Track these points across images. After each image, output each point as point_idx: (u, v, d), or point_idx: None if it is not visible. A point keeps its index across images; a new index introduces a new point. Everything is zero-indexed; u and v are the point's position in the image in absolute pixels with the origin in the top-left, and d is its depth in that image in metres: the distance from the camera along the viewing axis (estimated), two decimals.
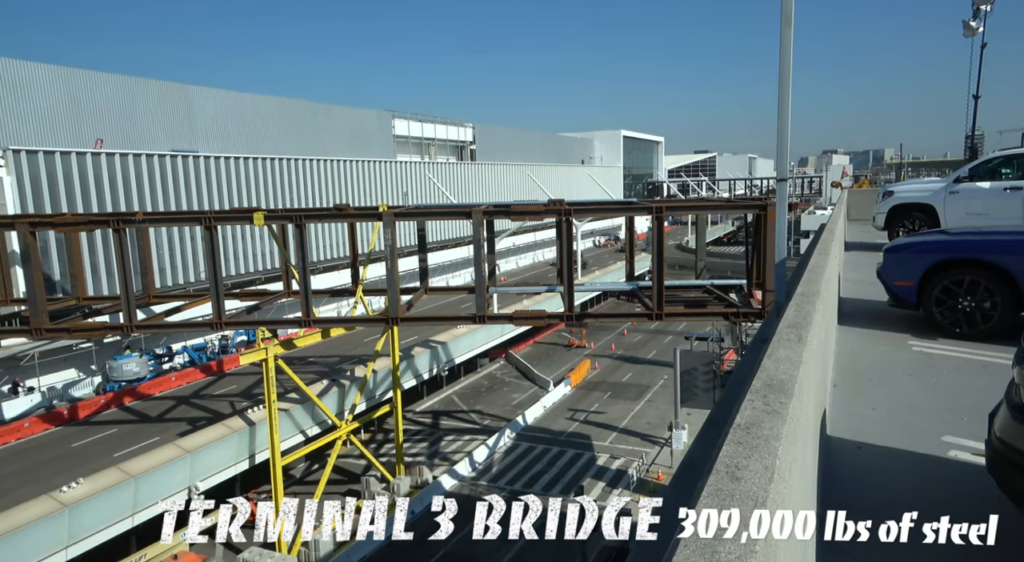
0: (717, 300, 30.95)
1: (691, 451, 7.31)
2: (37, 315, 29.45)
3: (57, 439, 33.38)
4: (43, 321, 29.56)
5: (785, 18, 10.14)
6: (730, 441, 2.70)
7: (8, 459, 30.93)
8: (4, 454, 31.61)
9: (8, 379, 39.20)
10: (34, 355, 38.96)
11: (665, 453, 44.02)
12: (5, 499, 26.03)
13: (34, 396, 39.62)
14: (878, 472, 5.88)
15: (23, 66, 46.50)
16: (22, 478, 28.27)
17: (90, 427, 34.85)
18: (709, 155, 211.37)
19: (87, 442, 32.69)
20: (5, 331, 34.78)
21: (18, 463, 30.32)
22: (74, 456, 30.87)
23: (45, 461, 30.37)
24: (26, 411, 37.99)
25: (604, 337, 76.25)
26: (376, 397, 42.67)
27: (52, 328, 30.07)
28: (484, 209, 29.27)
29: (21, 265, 34.84)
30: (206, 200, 52.33)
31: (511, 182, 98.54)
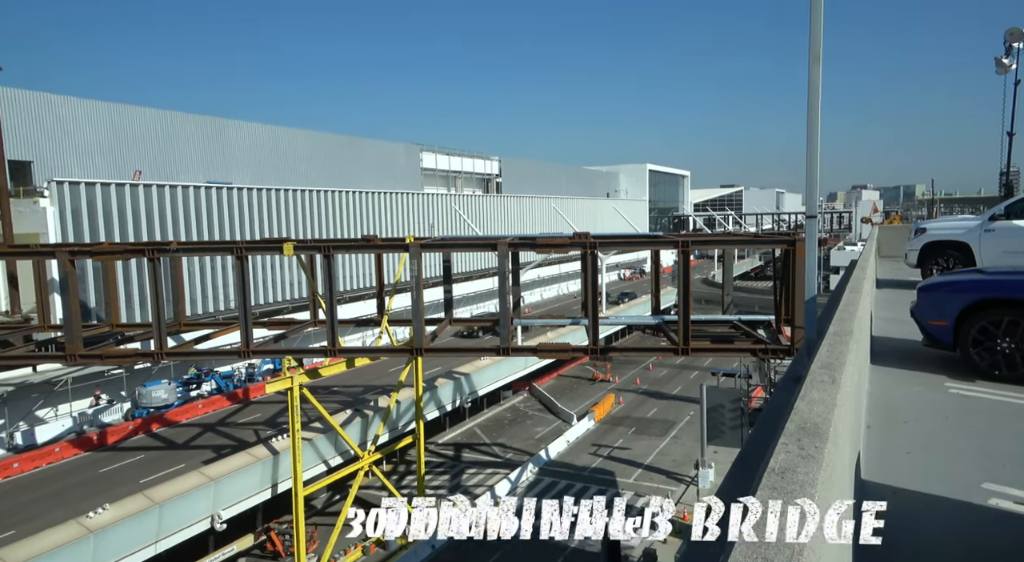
0: (745, 336, 30.52)
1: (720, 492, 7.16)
2: (73, 341, 30.14)
3: (86, 464, 33.80)
4: (78, 347, 30.22)
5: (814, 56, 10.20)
6: (764, 486, 2.66)
7: (39, 483, 31.38)
8: (36, 478, 32.08)
9: (41, 403, 40.00)
10: (67, 380, 39.75)
11: (691, 492, 43.00)
12: (34, 523, 26.35)
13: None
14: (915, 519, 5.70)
15: (69, 102, 48.60)
16: (51, 503, 28.62)
17: (118, 453, 35.26)
18: (735, 189, 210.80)
19: (115, 468, 33.04)
20: (42, 357, 35.63)
21: (48, 487, 30.73)
22: (102, 481, 31.20)
23: (74, 486, 30.74)
24: (58, 436, 38.62)
25: (629, 371, 75.37)
26: (399, 428, 42.57)
27: (86, 354, 30.71)
28: (510, 241, 29.48)
29: (60, 292, 35.85)
30: (238, 230, 53.56)
31: (536, 215, 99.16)
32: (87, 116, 49.43)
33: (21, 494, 29.79)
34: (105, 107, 51.02)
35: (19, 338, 36.52)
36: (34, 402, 39.81)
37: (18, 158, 44.02)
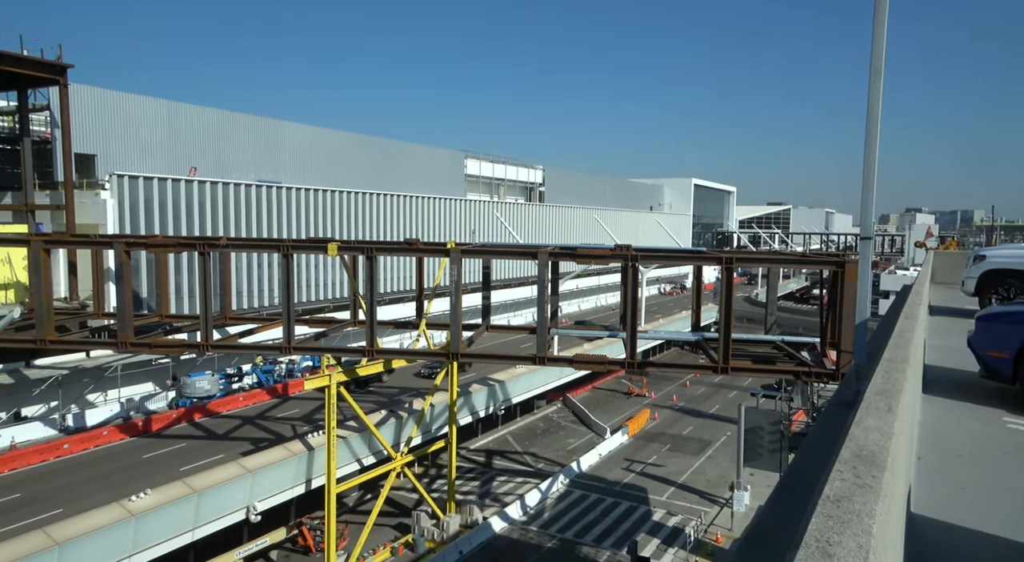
0: (787, 357, 29.82)
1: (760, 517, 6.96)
2: (124, 329, 31.27)
3: (131, 449, 34.94)
4: (129, 335, 31.34)
5: (875, 70, 9.95)
6: (819, 514, 2.58)
7: (87, 464, 32.56)
8: (84, 459, 33.31)
9: (92, 388, 41.53)
10: (118, 367, 41.19)
11: (725, 514, 42.04)
12: (80, 503, 27.34)
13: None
14: (968, 558, 5.45)
15: (133, 99, 50.56)
16: (97, 484, 29.64)
17: (161, 440, 36.36)
18: (783, 207, 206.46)
19: (157, 454, 34.07)
20: (95, 343, 37.08)
21: (95, 469, 31.85)
22: (144, 466, 32.19)
23: (118, 469, 31.79)
24: (106, 420, 40.02)
25: (665, 387, 74.31)
26: (432, 431, 42.80)
27: (136, 343, 31.83)
28: (550, 250, 29.46)
29: (115, 282, 37.26)
30: (285, 229, 54.84)
31: (578, 225, 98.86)
32: (149, 113, 51.32)
33: (70, 474, 30.93)
34: (166, 105, 52.90)
35: (75, 324, 38.10)
36: (85, 386, 41.36)
37: (84, 151, 45.95)
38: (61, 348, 35.39)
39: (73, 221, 42.57)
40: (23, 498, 28.27)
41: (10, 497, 28.46)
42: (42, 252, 31.23)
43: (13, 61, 38.94)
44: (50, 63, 40.66)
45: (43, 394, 39.12)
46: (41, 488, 29.29)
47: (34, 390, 38.50)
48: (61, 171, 43.33)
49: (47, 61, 40.51)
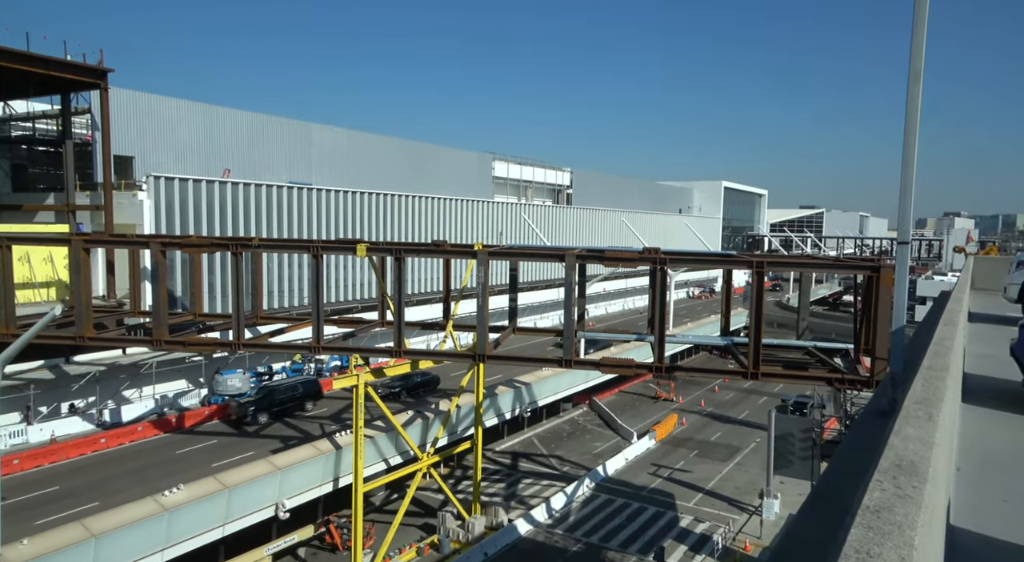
0: (819, 364, 29.26)
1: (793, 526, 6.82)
2: (159, 327, 31.98)
3: (164, 445, 35.72)
4: (164, 333, 32.04)
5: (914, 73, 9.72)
6: (859, 524, 2.51)
7: (122, 459, 33.36)
8: (120, 454, 34.15)
9: (128, 384, 42.56)
10: (152, 364, 42.13)
11: (754, 522, 41.38)
12: (116, 497, 28.02)
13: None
14: None
15: (170, 102, 51.74)
16: (132, 478, 30.36)
17: (194, 436, 37.08)
18: (816, 211, 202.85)
19: (190, 450, 34.76)
20: (131, 340, 37.98)
21: (130, 463, 32.62)
22: (177, 462, 32.88)
23: (152, 464, 32.52)
24: (140, 416, 40.96)
25: (693, 392, 73.47)
26: (458, 432, 42.93)
27: (171, 340, 32.52)
28: (577, 253, 29.34)
29: (150, 281, 38.17)
30: (315, 229, 55.58)
31: (606, 227, 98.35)
32: (185, 116, 52.48)
33: (105, 468, 31.72)
34: (200, 108, 54.03)
35: (112, 321, 39.08)
36: (122, 383, 42.38)
37: (123, 153, 47.16)
38: (99, 345, 36.28)
39: (111, 221, 43.71)
40: (62, 491, 29.08)
41: (50, 489, 29.30)
42: (82, 251, 32.10)
43: (58, 66, 40.18)
44: (92, 67, 41.83)
45: (82, 390, 40.20)
46: (79, 481, 30.09)
47: (73, 386, 39.57)
48: (101, 172, 44.54)
49: (89, 65, 41.69)
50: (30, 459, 32.29)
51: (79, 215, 45.67)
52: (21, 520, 25.56)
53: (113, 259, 42.68)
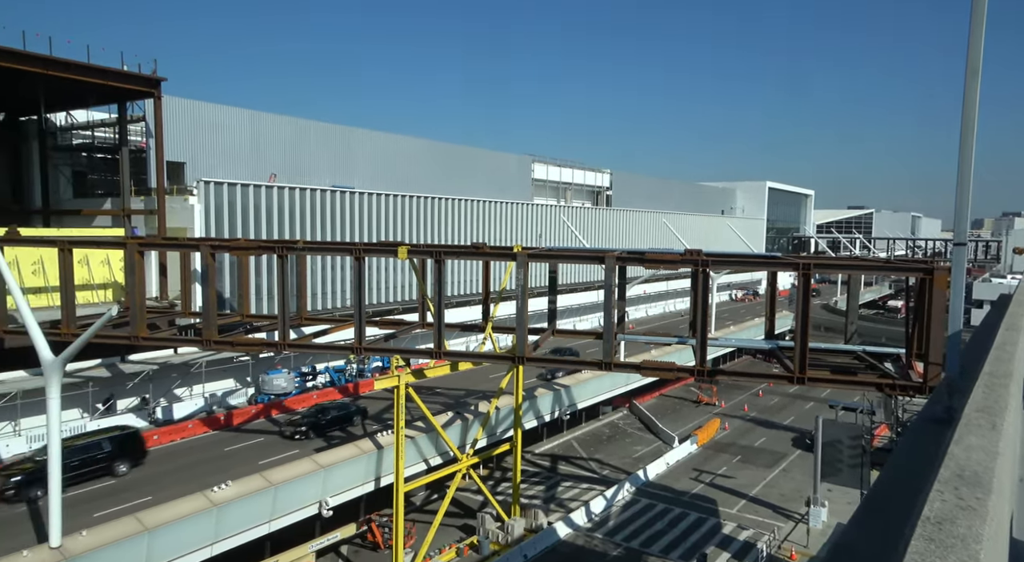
0: (869, 369, 28.37)
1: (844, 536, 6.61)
2: (209, 328, 32.95)
3: (213, 442, 36.77)
4: (213, 334, 33.00)
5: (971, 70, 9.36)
6: (919, 536, 2.42)
7: (174, 455, 34.47)
8: (171, 450, 35.29)
9: (179, 383, 43.98)
10: (202, 363, 43.44)
11: (800, 530, 40.32)
12: (168, 491, 28.97)
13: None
14: None
15: (218, 109, 53.35)
16: (183, 475, 31.32)
17: (241, 434, 38.07)
18: (865, 211, 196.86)
19: (237, 448, 35.70)
20: (182, 340, 39.26)
21: (181, 460, 33.69)
22: (226, 459, 33.80)
23: (202, 461, 33.51)
24: (191, 413, 42.27)
25: (736, 396, 72.06)
26: (497, 434, 43.03)
27: (219, 340, 33.48)
28: (618, 255, 29.10)
29: (200, 282, 39.38)
30: (357, 232, 56.54)
31: (646, 229, 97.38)
32: (233, 122, 54.05)
33: (158, 464, 32.79)
34: (248, 114, 55.55)
35: (164, 322, 40.49)
36: (173, 381, 43.82)
37: (175, 159, 48.82)
38: (152, 344, 37.56)
39: (164, 225, 45.28)
40: (117, 485, 30.19)
41: (106, 483, 30.45)
42: (137, 254, 33.29)
43: (115, 76, 41.84)
44: (146, 77, 43.42)
45: (136, 387, 41.70)
46: (133, 476, 31.18)
47: (128, 383, 41.07)
48: (154, 178, 46.21)
49: (144, 75, 43.28)
50: None
51: (134, 219, 47.46)
52: (80, 513, 26.63)
53: (166, 261, 44.22)
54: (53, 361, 24.44)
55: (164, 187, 45.71)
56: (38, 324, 25.60)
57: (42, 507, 26.13)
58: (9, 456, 33.90)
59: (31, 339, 25.20)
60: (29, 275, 40.02)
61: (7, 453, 34.50)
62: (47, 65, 38.24)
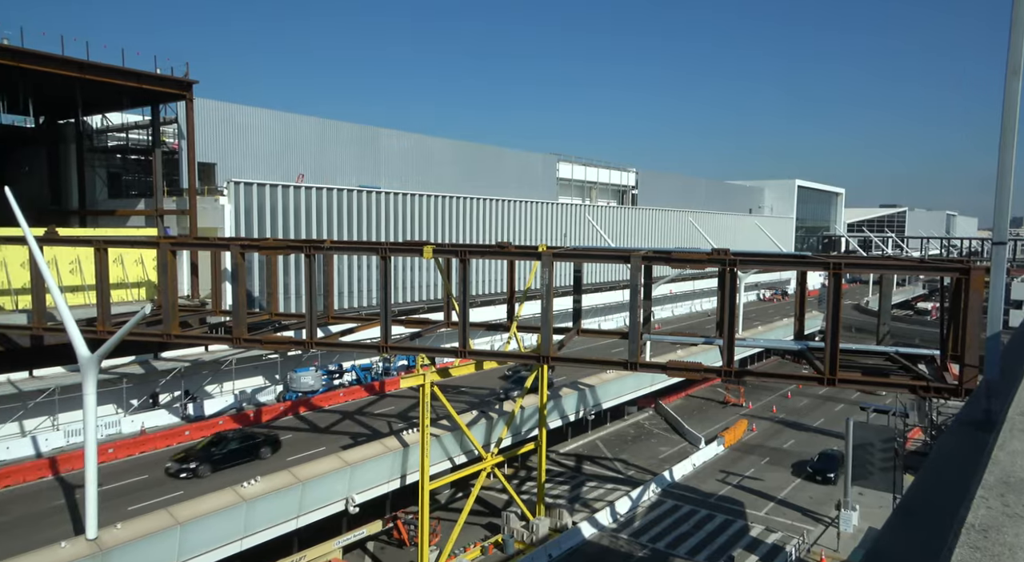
0: (902, 370, 27.73)
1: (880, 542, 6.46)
2: (239, 326, 33.47)
3: None
4: (243, 332, 33.51)
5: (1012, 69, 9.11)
6: (963, 544, 2.35)
7: None
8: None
9: (209, 380, 44.79)
10: (232, 361, 44.18)
11: (830, 534, 39.62)
12: (198, 486, 29.53)
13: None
14: None
15: (247, 110, 54.13)
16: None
17: (270, 430, 38.59)
18: (898, 210, 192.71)
19: None
20: (213, 338, 39.93)
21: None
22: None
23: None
24: (221, 410, 43.02)
25: (764, 397, 71.08)
26: (522, 433, 43.03)
27: (249, 338, 33.98)
28: (643, 254, 28.87)
29: (231, 281, 40.04)
30: (383, 232, 56.98)
31: (672, 228, 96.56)
32: (262, 123, 54.81)
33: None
34: (277, 116, 56.30)
35: (196, 320, 41.23)
36: (204, 378, 44.65)
37: (206, 160, 49.69)
38: (184, 342, 38.28)
39: (195, 225, 46.14)
40: (150, 479, 30.86)
41: (139, 478, 31.16)
42: (169, 254, 33.96)
43: (149, 79, 42.75)
44: (178, 80, 44.27)
45: (168, 384, 42.57)
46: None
47: (161, 380, 41.94)
48: (186, 179, 47.11)
49: (176, 78, 44.13)
50: (123, 449, 34.45)
51: (166, 219, 48.42)
52: (115, 506, 27.30)
53: (197, 261, 45.00)
54: (89, 358, 25.05)
55: (195, 188, 46.57)
56: (75, 322, 26.28)
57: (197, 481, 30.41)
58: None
59: (68, 336, 25.87)
60: (67, 274, 41.10)
61: (45, 447, 35.49)
62: (83, 69, 39.22)
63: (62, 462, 31.82)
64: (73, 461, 31.40)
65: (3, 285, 39.59)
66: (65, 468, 31.45)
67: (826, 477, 47.09)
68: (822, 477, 47.21)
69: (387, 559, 37.20)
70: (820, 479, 47.15)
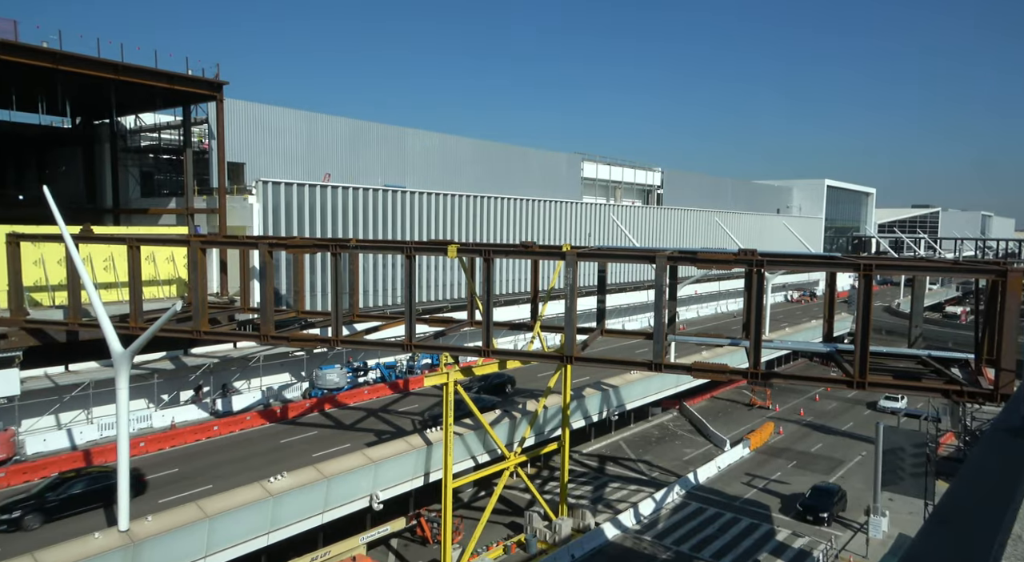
0: (935, 374, 27.11)
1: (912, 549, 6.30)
2: (266, 323, 33.96)
3: (270, 434, 37.93)
4: (270, 329, 34.00)
5: None
6: (1011, 556, 2.29)
7: (232, 445, 35.71)
8: (230, 441, 36.59)
9: (238, 376, 45.52)
10: (260, 358, 44.84)
11: (859, 540, 38.89)
12: (227, 481, 30.04)
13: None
14: None
15: (275, 111, 54.86)
16: (240, 465, 32.44)
17: (296, 426, 39.15)
18: (931, 210, 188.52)
19: (292, 440, 36.73)
20: (242, 335, 40.60)
21: (239, 450, 34.88)
22: (281, 450, 34.82)
23: (259, 452, 34.61)
24: (249, 406, 43.70)
25: (792, 400, 70.05)
26: (545, 433, 42.98)
27: (276, 336, 34.44)
28: (669, 255, 28.63)
29: (259, 279, 40.64)
30: (408, 231, 57.36)
31: (698, 228, 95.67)
32: (290, 123, 55.53)
33: (218, 453, 34.03)
34: (304, 116, 56.97)
35: (225, 317, 41.94)
36: (232, 374, 45.40)
37: (235, 160, 50.49)
38: (213, 338, 38.98)
39: (225, 223, 46.92)
40: (180, 473, 31.48)
41: (170, 471, 31.81)
42: (199, 251, 34.59)
43: (181, 80, 43.57)
44: (209, 81, 45.04)
45: (197, 380, 43.36)
46: (195, 465, 32.46)
47: (190, 376, 42.75)
48: (216, 178, 47.92)
49: (207, 79, 44.91)
50: (154, 443, 35.20)
51: (196, 218, 49.33)
52: (146, 499, 27.89)
53: (226, 259, 45.81)
54: (122, 353, 25.63)
55: (225, 187, 47.36)
56: (108, 318, 26.89)
57: None
58: None
59: (102, 332, 26.48)
60: (101, 271, 42.11)
61: (80, 440, 36.40)
62: (118, 70, 40.11)
63: (96, 455, 32.63)
64: (106, 454, 32.17)
65: (41, 281, 40.71)
66: (99, 461, 32.24)
67: (818, 516, 40.63)
68: (813, 517, 40.77)
69: (410, 556, 37.43)
70: (811, 518, 40.76)
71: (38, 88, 45.36)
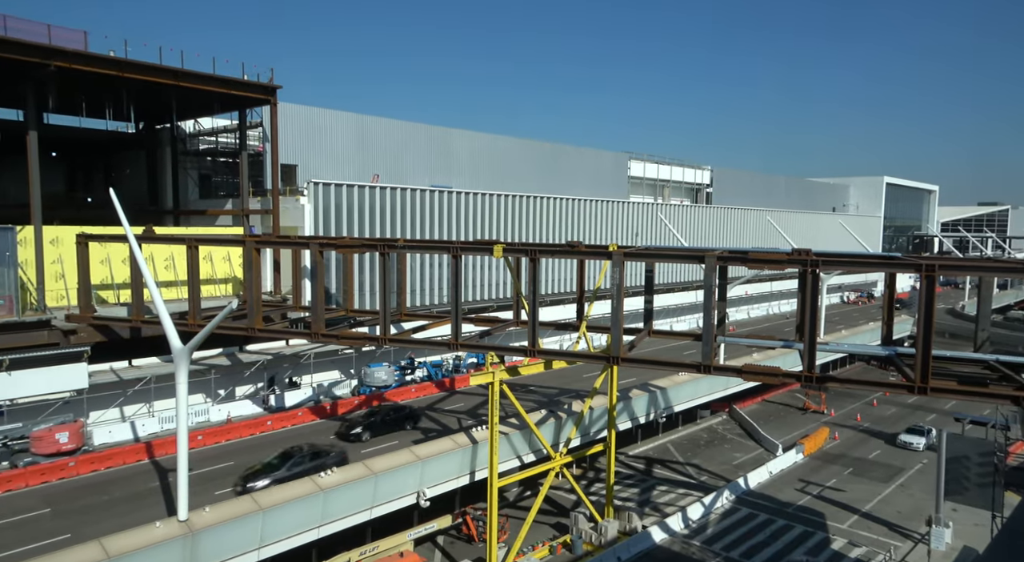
0: (1003, 380, 25.78)
1: None
2: (317, 322, 34.76)
3: (320, 430, 38.76)
4: (321, 327, 34.79)
5: None
6: None
7: (285, 440, 36.56)
8: (283, 436, 37.55)
9: (290, 373, 46.72)
10: (311, 355, 45.92)
11: (920, 551, 37.31)
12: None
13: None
14: None
15: (326, 113, 56.13)
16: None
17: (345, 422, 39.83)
18: (999, 208, 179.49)
19: None
20: (294, 333, 41.65)
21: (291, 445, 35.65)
22: (331, 447, 35.43)
23: None
24: (300, 402, 44.80)
25: (848, 405, 67.75)
26: (591, 434, 42.70)
27: (327, 334, 35.23)
28: (718, 254, 28.03)
29: (310, 278, 41.63)
30: (454, 231, 57.85)
31: (748, 227, 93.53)
32: (340, 126, 56.74)
33: (271, 448, 34.86)
34: (354, 118, 58.10)
35: (278, 315, 43.11)
36: (285, 371, 46.61)
37: (288, 162, 51.87)
38: (267, 336, 40.12)
39: (278, 224, 48.23)
40: (235, 466, 32.47)
41: (225, 464, 32.86)
42: (254, 251, 35.62)
43: (237, 85, 44.98)
44: (264, 85, 46.37)
45: (252, 376, 44.69)
46: (248, 458, 33.40)
47: (245, 372, 44.08)
48: (270, 180, 49.31)
49: (262, 83, 46.24)
50: (211, 436, 36.44)
51: (251, 218, 50.87)
52: (203, 491, 28.89)
53: (279, 258, 47.10)
54: (182, 349, 26.58)
55: (278, 188, 48.68)
56: (169, 315, 27.95)
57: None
58: None
59: (163, 328, 27.54)
60: (162, 270, 43.87)
61: (142, 432, 37.95)
62: (178, 77, 41.67)
63: (156, 447, 33.97)
64: (166, 446, 33.46)
65: (107, 280, 42.66)
66: (159, 452, 33.56)
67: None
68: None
69: (456, 553, 37.70)
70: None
71: (105, 95, 47.54)
